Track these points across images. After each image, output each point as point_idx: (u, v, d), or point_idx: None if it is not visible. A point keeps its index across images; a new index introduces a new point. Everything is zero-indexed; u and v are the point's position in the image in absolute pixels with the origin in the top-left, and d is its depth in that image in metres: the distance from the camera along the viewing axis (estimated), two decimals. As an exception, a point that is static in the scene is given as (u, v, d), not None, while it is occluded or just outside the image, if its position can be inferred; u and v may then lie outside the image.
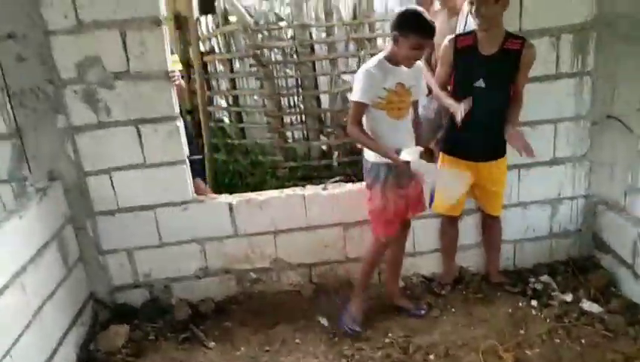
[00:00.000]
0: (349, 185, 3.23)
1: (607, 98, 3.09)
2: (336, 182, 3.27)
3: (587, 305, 2.91)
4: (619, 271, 3.05)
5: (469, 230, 3.26)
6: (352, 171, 4.43)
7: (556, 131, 3.12)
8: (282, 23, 4.62)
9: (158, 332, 3.02)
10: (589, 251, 3.35)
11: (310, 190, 3.18)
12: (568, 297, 3.00)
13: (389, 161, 2.58)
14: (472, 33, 2.74)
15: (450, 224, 3.17)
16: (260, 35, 4.49)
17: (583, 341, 2.66)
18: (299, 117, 4.74)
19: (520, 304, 3.01)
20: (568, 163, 3.21)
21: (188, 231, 3.14)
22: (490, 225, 3.17)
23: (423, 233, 3.25)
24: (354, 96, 2.64)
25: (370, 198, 2.79)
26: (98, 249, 3.10)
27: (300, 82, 4.62)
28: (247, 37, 4.42)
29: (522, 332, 2.78)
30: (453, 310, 3.03)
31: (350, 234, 3.23)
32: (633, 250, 2.88)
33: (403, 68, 2.59)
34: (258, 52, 4.38)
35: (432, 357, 2.67)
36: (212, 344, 2.90)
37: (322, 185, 3.19)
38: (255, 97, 4.82)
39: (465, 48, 2.74)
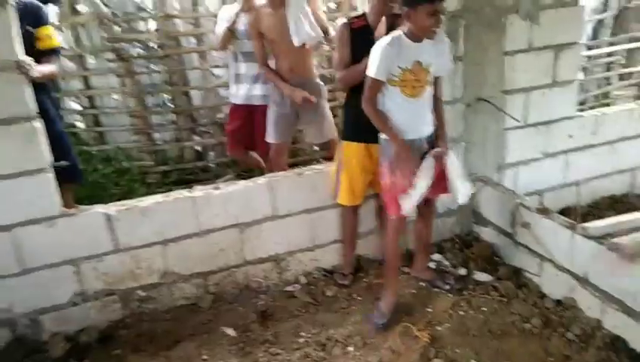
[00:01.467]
0: (243, 182, 3.02)
1: (477, 82, 3.32)
2: (227, 180, 3.03)
3: (479, 276, 3.09)
4: (499, 241, 3.29)
5: (364, 217, 3.26)
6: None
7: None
8: (144, 14, 4.20)
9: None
10: (469, 227, 3.57)
11: (200, 191, 2.91)
12: (462, 271, 3.17)
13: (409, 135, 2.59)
14: (363, 15, 2.77)
15: (352, 213, 3.13)
16: (118, 27, 4.01)
17: (484, 309, 2.80)
18: (168, 116, 4.35)
19: (420, 283, 3.10)
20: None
21: (57, 251, 2.67)
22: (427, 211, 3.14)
23: (323, 226, 3.17)
24: (369, 72, 2.52)
25: (382, 175, 2.70)
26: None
27: (167, 78, 4.23)
28: (104, 29, 3.92)
29: (430, 310, 2.85)
30: (359, 299, 3.01)
31: (247, 234, 3.02)
32: (511, 221, 3.12)
33: (425, 43, 2.50)
34: (118, 45, 3.91)
35: (351, 348, 2.60)
36: (105, 376, 2.50)
37: (213, 185, 2.94)
38: (115, 96, 4.32)
39: (360, 29, 2.77)
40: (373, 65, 2.50)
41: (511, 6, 3.15)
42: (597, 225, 2.65)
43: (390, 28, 2.70)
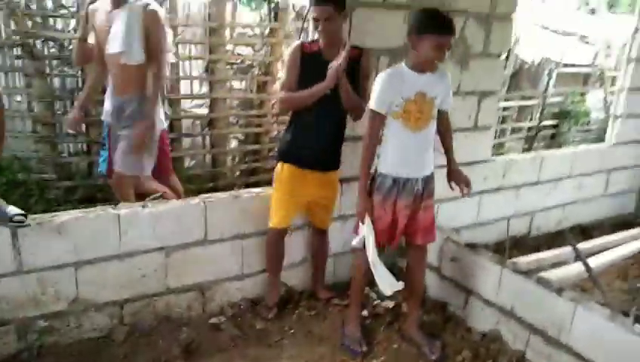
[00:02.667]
0: (175, 202, 2.78)
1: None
2: (156, 198, 2.77)
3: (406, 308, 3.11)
4: (427, 274, 3.36)
5: (292, 247, 3.15)
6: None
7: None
8: (63, 11, 3.77)
9: None
10: (393, 260, 3.61)
11: (126, 208, 2.61)
12: (390, 304, 3.16)
13: (397, 175, 2.53)
14: (317, 40, 2.73)
15: (279, 239, 2.96)
16: (30, 22, 3.56)
17: (413, 350, 2.79)
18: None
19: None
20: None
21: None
22: (318, 240, 3.14)
23: (254, 253, 3.01)
24: (370, 104, 2.44)
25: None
26: None
27: (81, 83, 3.80)
28: (15, 21, 3.44)
29: (344, 338, 2.78)
30: (292, 331, 2.86)
31: (173, 259, 2.76)
32: (439, 255, 3.21)
33: (428, 75, 2.44)
34: (28, 41, 3.47)
35: (287, 385, 2.45)
36: None
37: (141, 203, 2.66)
38: (18, 98, 3.79)
39: (311, 54, 2.71)
40: (374, 96, 2.46)
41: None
42: (524, 260, 2.81)
43: (351, 59, 2.63)
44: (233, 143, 4.51)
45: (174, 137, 3.98)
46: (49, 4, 3.74)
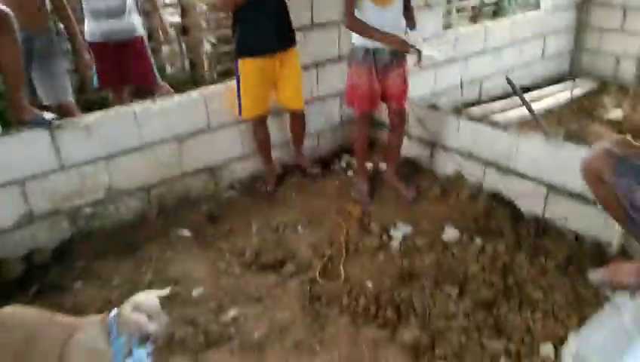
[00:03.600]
0: (177, 97, 3.18)
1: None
2: (163, 94, 3.16)
3: (382, 166, 3.69)
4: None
5: (285, 128, 3.62)
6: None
7: (340, 32, 3.70)
8: None
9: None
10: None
11: (140, 105, 3.01)
12: (369, 165, 3.74)
13: (370, 46, 2.92)
14: None
15: (261, 125, 3.36)
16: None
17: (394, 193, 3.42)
18: None
19: (340, 176, 3.62)
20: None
21: (1, 172, 2.61)
22: (294, 121, 3.48)
23: (249, 136, 3.47)
24: None
25: (348, 75, 3.07)
26: None
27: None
28: None
29: (353, 193, 3.39)
30: (293, 193, 3.43)
31: (184, 146, 3.22)
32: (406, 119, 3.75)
33: None
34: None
35: (299, 228, 3.05)
36: (78, 284, 2.59)
37: (152, 100, 3.06)
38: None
39: None
40: None
41: None
42: (476, 110, 3.40)
43: None
44: (207, 47, 4.82)
45: (153, 47, 4.26)
46: None
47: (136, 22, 3.71)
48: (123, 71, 3.72)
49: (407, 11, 3.11)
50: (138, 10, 3.79)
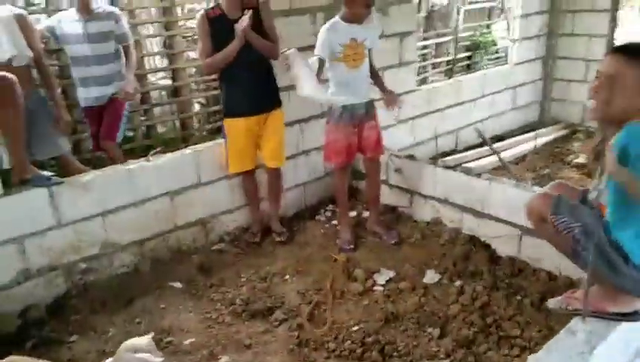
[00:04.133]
0: (170, 155, 3.37)
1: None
2: (156, 153, 3.34)
3: (365, 214, 3.87)
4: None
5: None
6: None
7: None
8: None
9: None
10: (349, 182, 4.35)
11: (134, 164, 3.19)
12: (352, 213, 3.92)
13: (345, 104, 3.21)
14: (218, 5, 3.24)
15: (248, 178, 3.55)
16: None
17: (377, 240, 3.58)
18: None
19: (326, 225, 3.79)
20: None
21: (1, 230, 2.74)
22: (271, 178, 3.59)
23: (241, 190, 3.65)
24: (315, 52, 3.13)
25: (325, 132, 3.39)
26: None
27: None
28: None
29: (338, 241, 3.54)
30: (281, 243, 3.57)
31: (177, 201, 3.38)
32: (386, 169, 3.94)
33: (356, 25, 3.13)
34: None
35: (287, 277, 3.18)
36: (73, 337, 2.67)
37: (146, 158, 3.24)
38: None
39: (216, 18, 3.18)
40: (317, 45, 3.13)
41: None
42: (451, 159, 3.63)
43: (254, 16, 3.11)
44: (197, 107, 5.08)
45: (146, 108, 4.50)
46: None
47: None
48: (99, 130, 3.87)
49: (376, 78, 3.44)
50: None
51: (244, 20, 3.07)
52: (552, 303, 1.87)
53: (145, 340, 1.92)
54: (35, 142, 3.22)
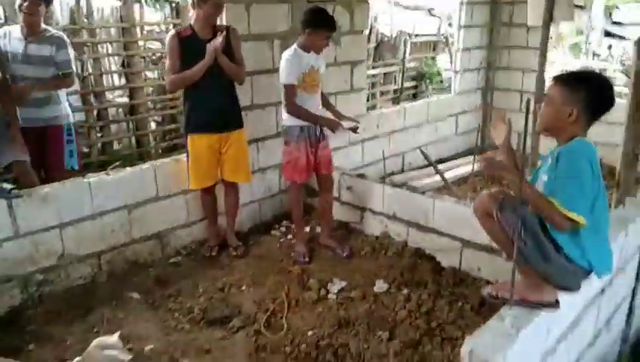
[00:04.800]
0: (130, 169, 3.45)
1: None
2: (115, 167, 3.42)
3: (318, 229, 4.06)
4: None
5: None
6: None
7: (277, 112, 4.15)
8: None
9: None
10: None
11: (95, 177, 3.26)
12: (307, 228, 4.10)
13: (302, 124, 3.41)
14: (188, 26, 3.41)
15: (207, 194, 3.67)
16: None
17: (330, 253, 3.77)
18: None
19: (281, 240, 3.94)
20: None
21: (-45, 240, 2.75)
22: (229, 192, 3.72)
23: (197, 204, 3.75)
24: (286, 80, 3.29)
25: (286, 152, 3.55)
26: None
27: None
28: None
29: (293, 254, 3.70)
30: (238, 256, 3.68)
31: (134, 215, 3.45)
32: (338, 187, 4.17)
33: (312, 54, 3.36)
34: None
35: (244, 287, 3.30)
36: (31, 346, 2.68)
37: (106, 171, 3.31)
38: None
39: (187, 37, 3.34)
40: (285, 74, 3.30)
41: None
42: (398, 178, 3.89)
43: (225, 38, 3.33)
44: (153, 125, 5.15)
45: (102, 124, 4.53)
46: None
47: (59, 111, 3.77)
48: (39, 157, 3.67)
49: (328, 105, 3.73)
50: (68, 99, 3.95)
51: (217, 40, 3.25)
52: (485, 291, 2.14)
53: (113, 339, 2.00)
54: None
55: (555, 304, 1.90)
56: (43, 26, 3.65)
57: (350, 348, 2.76)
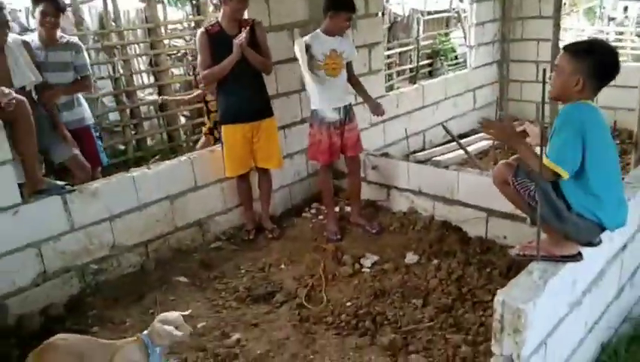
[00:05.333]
0: (168, 162, 3.67)
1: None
2: (155, 161, 3.64)
3: (348, 209, 4.24)
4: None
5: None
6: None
7: (301, 98, 4.33)
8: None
9: (20, 348, 2.80)
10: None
11: (137, 171, 3.48)
12: (336, 209, 4.27)
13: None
14: (216, 22, 3.58)
15: (242, 181, 3.89)
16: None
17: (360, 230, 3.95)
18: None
19: (312, 221, 4.14)
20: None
21: (21, 236, 2.99)
22: (262, 178, 3.93)
23: (233, 192, 3.97)
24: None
25: (310, 134, 3.73)
26: None
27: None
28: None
29: (325, 233, 3.90)
30: (274, 238, 3.89)
31: (176, 205, 3.68)
32: (363, 167, 4.33)
33: (336, 37, 3.53)
34: None
35: (282, 266, 3.51)
36: (95, 328, 2.93)
37: (147, 165, 3.54)
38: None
39: (216, 34, 3.53)
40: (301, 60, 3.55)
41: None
42: (421, 155, 4.04)
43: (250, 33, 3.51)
44: (182, 120, 5.38)
45: (136, 122, 4.77)
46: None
47: (83, 113, 3.96)
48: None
49: (358, 87, 3.86)
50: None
51: (242, 36, 3.42)
52: (513, 251, 2.32)
53: (174, 314, 2.21)
54: (50, 149, 3.45)
55: (578, 256, 2.06)
56: (59, 33, 3.81)
57: (387, 315, 2.95)
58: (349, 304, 3.07)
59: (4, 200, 2.91)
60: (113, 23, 4.58)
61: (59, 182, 3.19)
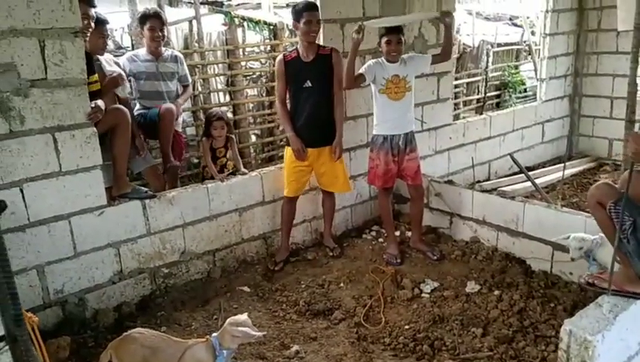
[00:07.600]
0: (240, 177, 3.86)
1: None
2: (230, 174, 3.85)
3: (409, 234, 4.26)
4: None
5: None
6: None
7: (367, 123, 4.44)
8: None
9: (94, 340, 3.02)
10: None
11: (211, 183, 3.69)
12: (397, 233, 4.31)
13: (385, 133, 3.70)
14: (295, 49, 3.76)
15: (288, 204, 3.91)
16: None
17: (421, 256, 3.97)
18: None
19: (372, 243, 4.19)
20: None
21: (103, 236, 3.23)
22: (325, 200, 4.05)
23: (298, 208, 4.07)
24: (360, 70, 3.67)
25: (369, 158, 3.86)
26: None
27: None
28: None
29: (385, 255, 3.93)
30: (334, 257, 3.98)
31: (244, 217, 3.84)
32: (426, 194, 4.36)
33: (395, 63, 3.64)
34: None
35: (342, 284, 3.57)
36: (163, 328, 3.10)
37: (221, 178, 3.74)
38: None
39: (292, 60, 3.69)
40: (363, 67, 3.66)
41: (410, 45, 4.52)
42: (485, 184, 4.02)
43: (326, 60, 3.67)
44: (253, 138, 5.63)
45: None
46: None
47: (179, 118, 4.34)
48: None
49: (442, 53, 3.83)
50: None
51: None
52: (581, 279, 2.27)
53: (243, 317, 2.33)
54: (131, 159, 3.67)
55: (650, 295, 2.00)
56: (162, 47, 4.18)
57: (445, 341, 2.94)
58: (407, 327, 3.08)
59: (92, 201, 3.16)
60: (196, 44, 4.92)
61: (142, 188, 3.43)
